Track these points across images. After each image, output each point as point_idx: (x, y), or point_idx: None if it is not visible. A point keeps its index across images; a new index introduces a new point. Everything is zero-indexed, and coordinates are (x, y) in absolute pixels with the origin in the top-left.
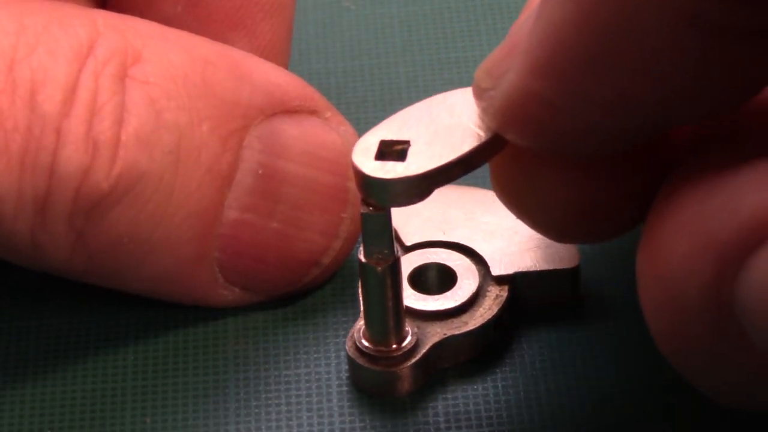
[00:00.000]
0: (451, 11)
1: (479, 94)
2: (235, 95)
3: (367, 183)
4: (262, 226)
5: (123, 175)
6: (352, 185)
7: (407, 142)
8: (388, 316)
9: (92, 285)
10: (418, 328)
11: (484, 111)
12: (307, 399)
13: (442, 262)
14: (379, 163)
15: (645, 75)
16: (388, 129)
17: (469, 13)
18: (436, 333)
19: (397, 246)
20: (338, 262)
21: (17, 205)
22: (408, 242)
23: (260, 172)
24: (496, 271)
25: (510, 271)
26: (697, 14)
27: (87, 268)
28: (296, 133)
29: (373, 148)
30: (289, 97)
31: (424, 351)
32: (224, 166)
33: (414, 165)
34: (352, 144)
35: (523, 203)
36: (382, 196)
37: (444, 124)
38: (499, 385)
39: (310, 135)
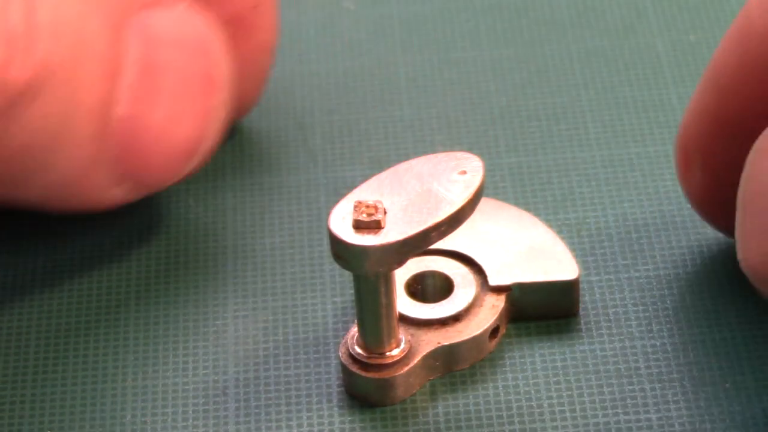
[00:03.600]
0: (451, 11)
1: None
2: None
3: (346, 251)
4: (148, 119)
5: (38, 69)
6: (218, 71)
7: (383, 210)
8: (381, 323)
9: (95, 286)
10: (413, 335)
11: None
12: (307, 400)
13: (439, 270)
14: (356, 230)
15: None
16: (363, 197)
17: (469, 13)
18: (431, 341)
19: None
20: (213, 149)
21: None
22: None
23: (143, 63)
24: (494, 280)
25: (508, 281)
26: None
27: None
28: (169, 23)
29: (350, 217)
30: None
31: (417, 359)
32: (114, 60)
33: (392, 232)
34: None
35: None
36: (360, 263)
37: (416, 191)
38: (500, 386)
39: (181, 23)
